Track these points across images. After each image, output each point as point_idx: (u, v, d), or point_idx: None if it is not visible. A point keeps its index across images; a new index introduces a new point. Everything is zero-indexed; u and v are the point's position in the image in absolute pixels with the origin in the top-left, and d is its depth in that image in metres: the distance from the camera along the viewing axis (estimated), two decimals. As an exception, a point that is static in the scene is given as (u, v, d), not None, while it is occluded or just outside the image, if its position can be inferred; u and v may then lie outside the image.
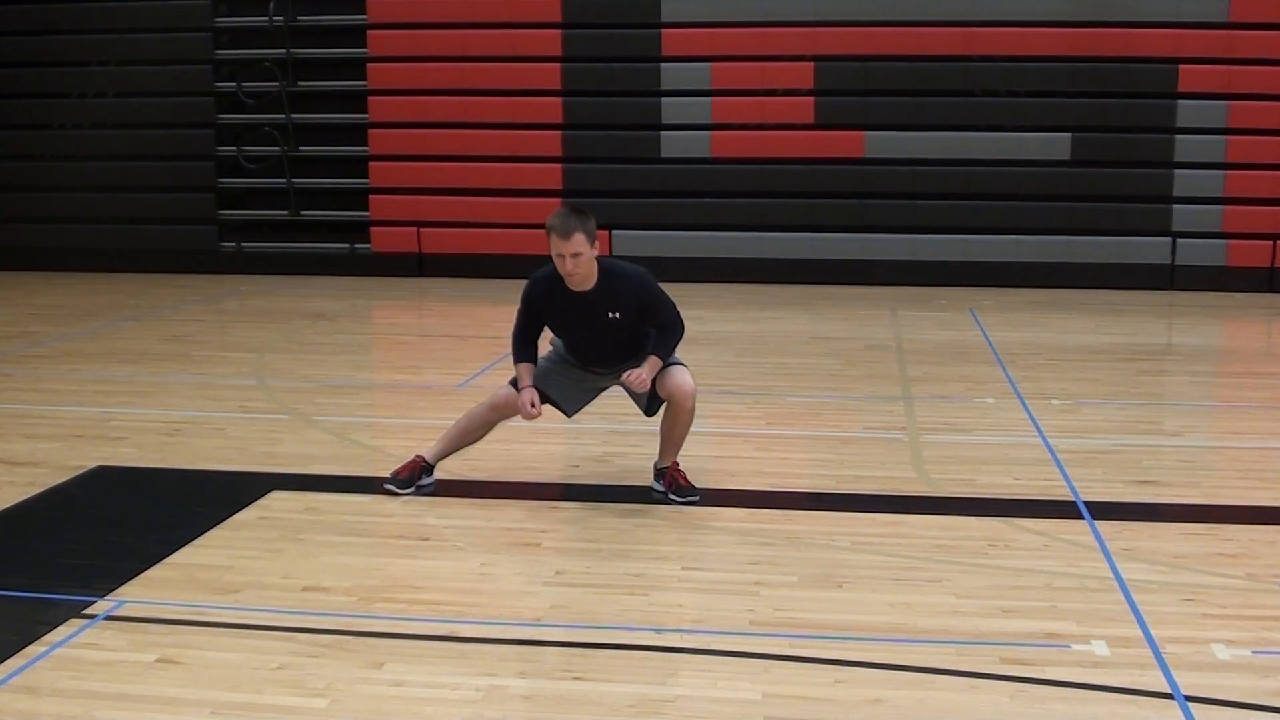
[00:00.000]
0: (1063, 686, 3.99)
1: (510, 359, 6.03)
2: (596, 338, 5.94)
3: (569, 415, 6.26)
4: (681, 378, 5.93)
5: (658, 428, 6.10)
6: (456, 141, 15.28)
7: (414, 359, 10.21)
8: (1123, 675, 4.05)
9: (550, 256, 5.69)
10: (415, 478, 6.10)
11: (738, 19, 14.83)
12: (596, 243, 5.70)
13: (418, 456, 6.15)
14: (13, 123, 16.07)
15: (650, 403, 6.06)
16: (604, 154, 15.09)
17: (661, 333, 5.91)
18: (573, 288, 5.77)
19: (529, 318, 5.97)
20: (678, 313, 5.94)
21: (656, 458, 6.16)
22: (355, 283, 14.66)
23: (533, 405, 5.83)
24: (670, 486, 6.03)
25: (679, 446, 6.11)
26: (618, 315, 5.81)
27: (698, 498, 6.00)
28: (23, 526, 5.70)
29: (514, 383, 5.99)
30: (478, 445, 6.33)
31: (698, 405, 6.04)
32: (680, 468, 6.11)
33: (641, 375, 5.74)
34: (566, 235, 5.59)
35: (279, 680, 4.02)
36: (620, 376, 5.90)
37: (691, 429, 6.06)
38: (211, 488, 6.25)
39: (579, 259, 5.63)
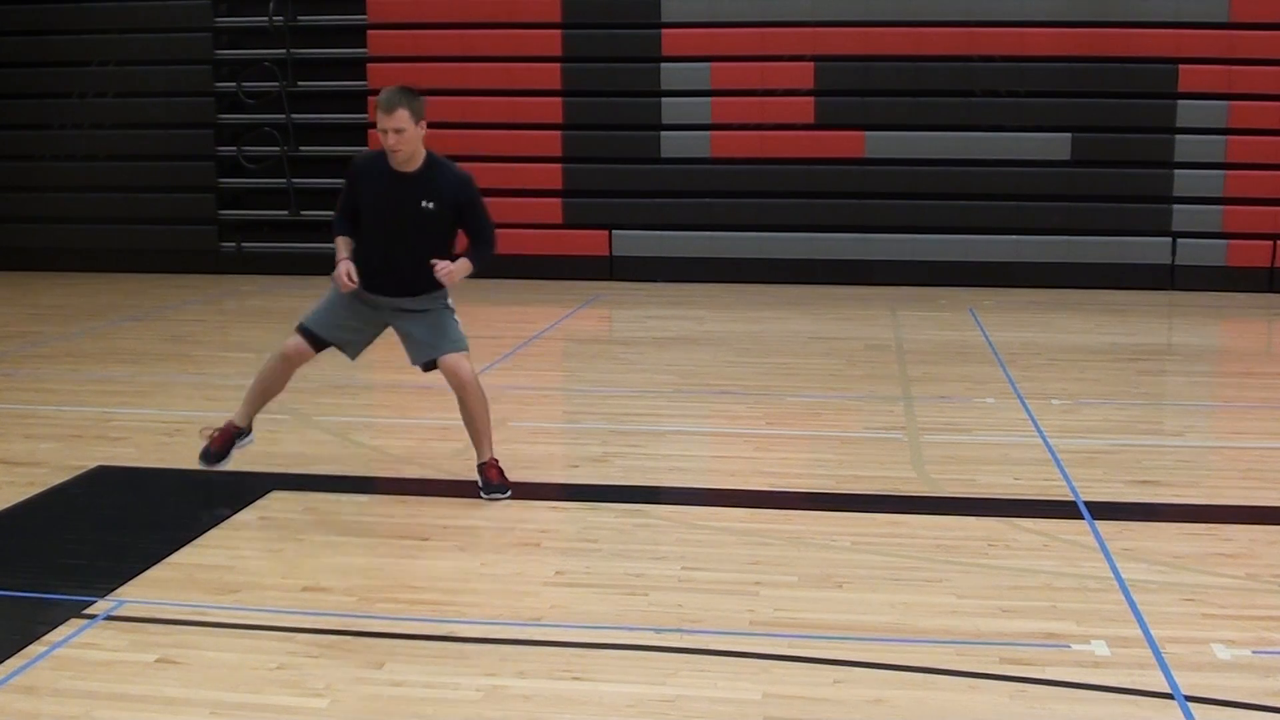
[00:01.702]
0: (1063, 686, 3.98)
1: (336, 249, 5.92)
2: (401, 231, 5.86)
3: (352, 358, 6.20)
4: (457, 362, 5.95)
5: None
6: (456, 141, 15.25)
7: (414, 359, 10.19)
8: (1123, 675, 4.05)
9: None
10: (230, 446, 6.09)
11: (738, 19, 14.83)
12: (423, 125, 5.74)
13: (228, 423, 6.12)
14: (13, 123, 16.07)
15: (421, 355, 6.03)
16: (604, 154, 15.09)
17: (475, 241, 5.93)
18: (395, 166, 5.79)
19: (350, 191, 5.97)
20: (493, 227, 5.96)
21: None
22: (355, 283, 14.62)
23: (349, 277, 5.78)
24: (482, 485, 6.02)
25: (485, 439, 6.08)
26: (432, 205, 5.81)
27: (508, 493, 5.98)
28: (23, 526, 5.70)
29: (300, 330, 5.96)
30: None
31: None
32: (496, 463, 6.07)
33: (450, 268, 5.75)
34: (390, 110, 5.64)
35: (279, 680, 4.02)
36: (396, 316, 5.92)
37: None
38: (211, 488, 6.24)
39: (402, 135, 5.67)
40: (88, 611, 4.55)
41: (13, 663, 4.11)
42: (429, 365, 6.07)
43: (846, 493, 6.25)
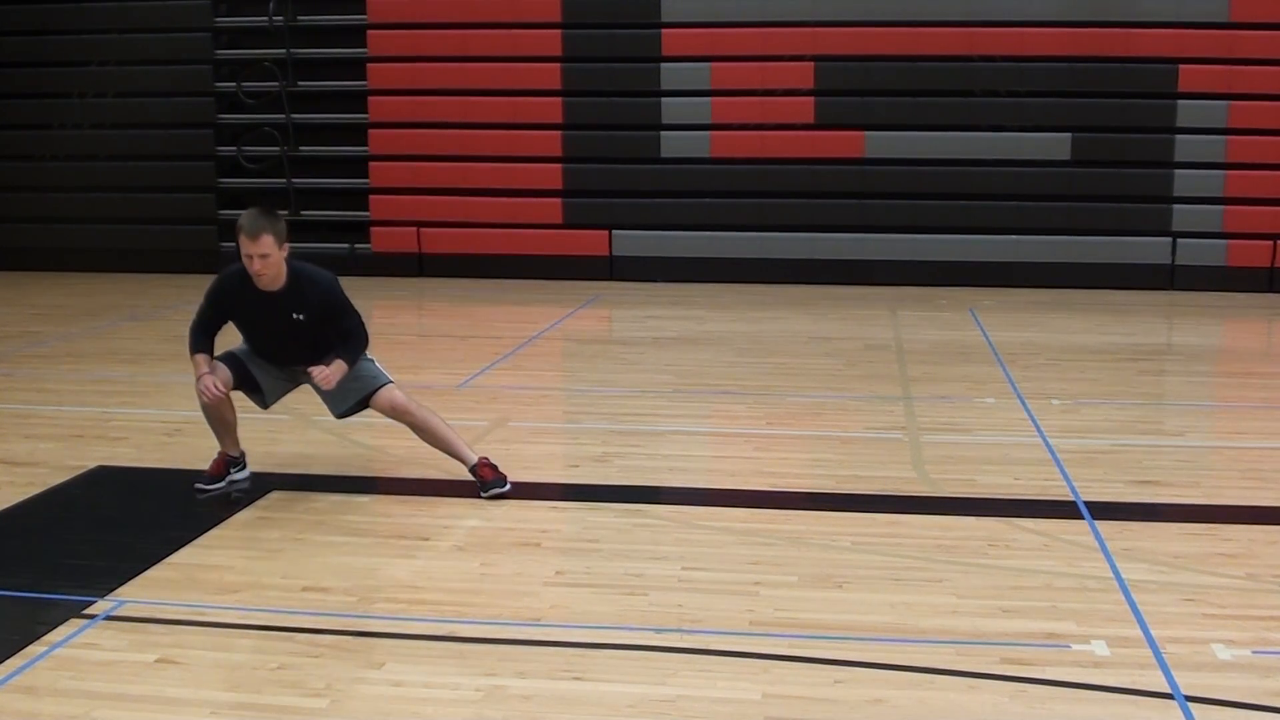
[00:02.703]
0: (1063, 686, 3.99)
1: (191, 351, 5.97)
2: (281, 339, 6.00)
3: (265, 406, 6.26)
4: (389, 395, 6.05)
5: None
6: (456, 141, 15.28)
7: (414, 359, 10.20)
8: (1123, 675, 4.05)
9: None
10: (225, 472, 6.18)
11: (738, 19, 14.83)
12: (285, 245, 5.82)
13: (220, 452, 6.20)
14: (13, 123, 16.07)
15: (338, 407, 6.11)
16: (604, 154, 15.09)
17: (345, 340, 5.97)
18: (261, 287, 5.85)
19: (214, 313, 6.02)
20: (361, 322, 6.05)
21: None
22: (355, 283, 14.48)
23: (216, 387, 5.83)
24: (479, 484, 6.05)
25: (458, 445, 6.13)
26: (302, 317, 5.90)
27: (507, 486, 6.01)
28: (23, 526, 5.70)
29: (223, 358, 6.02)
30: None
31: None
32: (487, 461, 6.11)
33: (326, 373, 5.81)
34: (254, 236, 5.71)
35: (279, 680, 4.02)
36: (306, 375, 5.98)
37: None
38: (211, 488, 6.25)
39: (267, 260, 5.74)
40: (88, 611, 4.55)
41: (13, 663, 4.11)
42: (348, 413, 6.15)
43: (846, 493, 6.25)
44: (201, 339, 5.99)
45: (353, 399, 6.07)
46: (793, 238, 14.76)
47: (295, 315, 5.89)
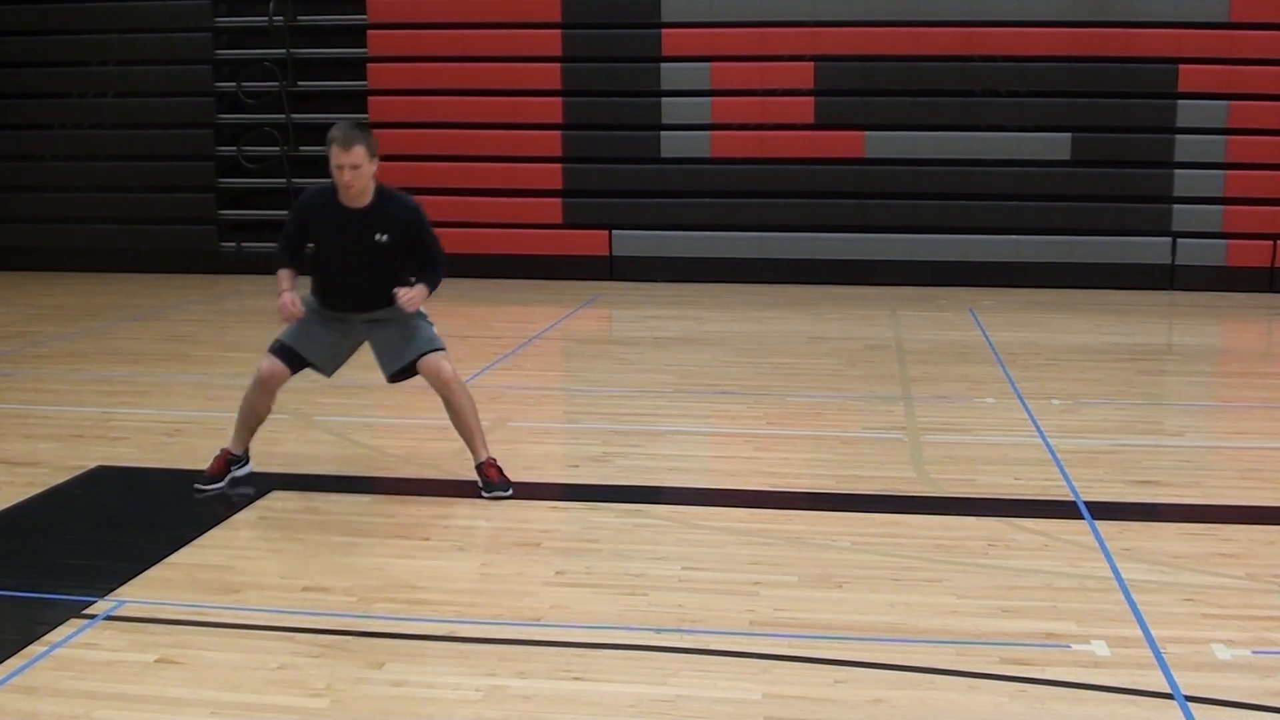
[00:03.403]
0: (1063, 686, 3.99)
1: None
2: (358, 264, 5.91)
3: (328, 375, 6.25)
4: (438, 363, 6.00)
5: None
6: (456, 141, 15.28)
7: (414, 359, 10.21)
8: (1123, 675, 4.05)
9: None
10: (225, 471, 6.15)
11: (738, 19, 14.82)
12: (376, 161, 5.77)
13: (223, 450, 6.19)
14: (13, 123, 16.06)
15: (393, 364, 6.08)
16: (604, 154, 15.09)
17: (425, 266, 5.98)
18: (347, 202, 5.81)
19: (297, 228, 6.00)
20: (444, 252, 6.03)
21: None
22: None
23: (295, 305, 5.85)
24: (482, 484, 6.06)
25: (479, 438, 6.12)
26: (385, 238, 5.85)
27: (509, 491, 6.02)
28: (23, 526, 5.70)
29: (274, 350, 6.05)
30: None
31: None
32: (494, 462, 6.11)
33: (411, 294, 5.81)
34: (347, 146, 5.67)
35: (279, 680, 4.02)
36: (368, 328, 5.98)
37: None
38: (211, 488, 6.25)
39: (358, 171, 5.70)
40: (88, 611, 4.55)
41: (13, 663, 4.11)
42: (399, 375, 6.13)
43: (846, 493, 6.25)
44: (285, 254, 6.01)
45: (408, 356, 6.01)
46: (793, 238, 14.76)
47: (378, 236, 5.83)
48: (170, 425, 7.55)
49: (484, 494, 6.00)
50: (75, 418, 7.78)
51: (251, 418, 6.18)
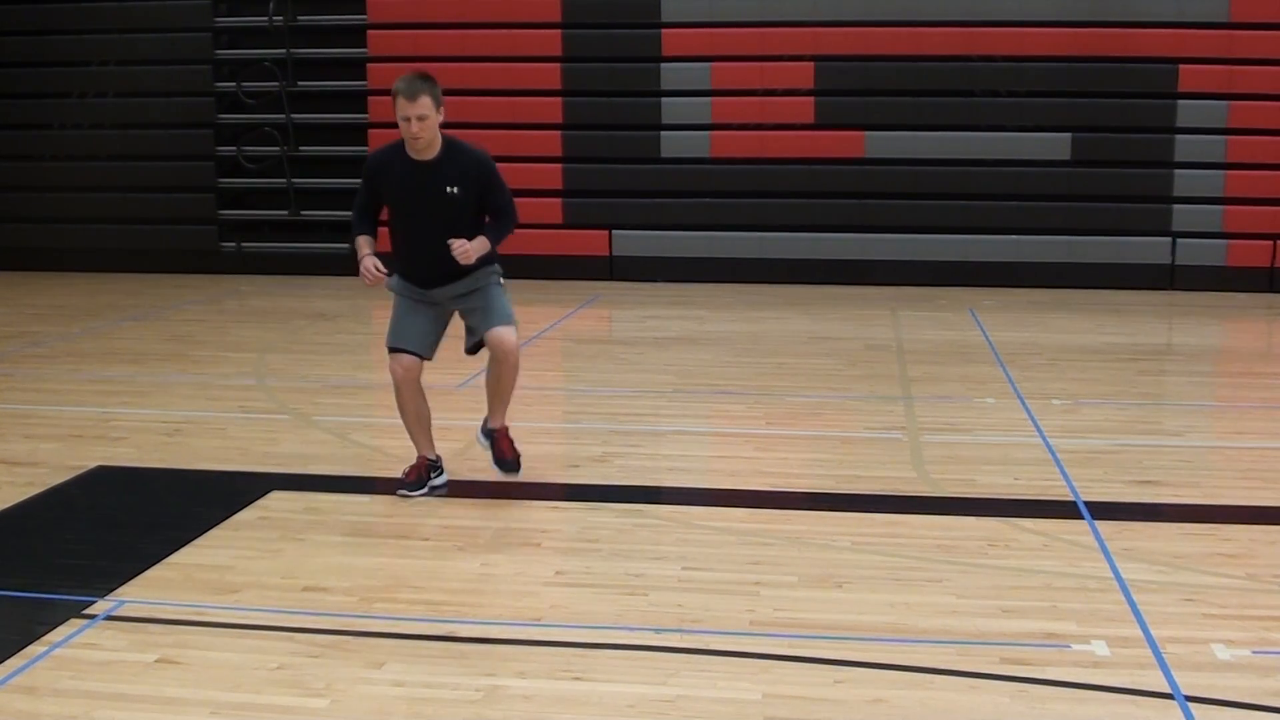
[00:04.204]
0: (1063, 686, 3.98)
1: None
2: (430, 220, 5.82)
3: (430, 358, 6.18)
4: (505, 332, 6.02)
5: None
6: (456, 141, 15.26)
7: (414, 359, 10.21)
8: (1123, 675, 4.05)
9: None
10: (426, 477, 6.09)
11: (738, 19, 14.82)
12: (442, 111, 5.71)
13: (420, 458, 6.14)
14: (13, 123, 16.06)
15: (483, 327, 6.07)
16: (604, 154, 15.08)
17: (496, 217, 5.96)
18: (415, 155, 5.76)
19: (368, 190, 5.95)
20: (513, 201, 6.01)
21: (486, 414, 6.15)
22: (355, 283, 14.44)
23: (376, 269, 5.78)
24: (495, 454, 6.10)
25: (505, 405, 6.15)
26: (456, 190, 5.79)
27: (517, 473, 6.07)
28: (23, 526, 5.70)
29: (391, 350, 6.01)
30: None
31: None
32: (509, 435, 6.12)
33: (467, 247, 5.73)
34: (413, 97, 5.60)
35: (279, 680, 4.02)
36: (455, 303, 6.00)
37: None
38: (211, 488, 6.25)
39: (425, 122, 5.63)
40: (88, 611, 4.55)
41: (13, 663, 4.11)
42: (476, 348, 6.12)
43: (846, 493, 6.25)
44: (361, 221, 5.96)
45: (493, 321, 5.99)
46: (793, 238, 14.76)
47: (449, 189, 5.77)
48: (170, 425, 7.55)
49: (492, 461, 6.07)
50: (75, 418, 7.78)
51: (415, 418, 6.09)
